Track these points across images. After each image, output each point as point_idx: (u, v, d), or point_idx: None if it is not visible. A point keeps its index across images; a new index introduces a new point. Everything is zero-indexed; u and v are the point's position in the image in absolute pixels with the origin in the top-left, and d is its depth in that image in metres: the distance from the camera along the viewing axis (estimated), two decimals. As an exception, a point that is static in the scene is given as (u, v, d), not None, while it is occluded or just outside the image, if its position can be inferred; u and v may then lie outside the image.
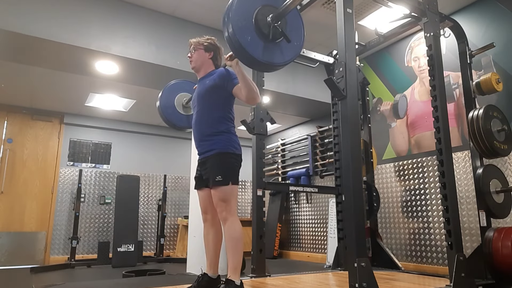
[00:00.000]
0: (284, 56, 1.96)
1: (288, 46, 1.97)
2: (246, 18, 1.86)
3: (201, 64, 2.28)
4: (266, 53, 1.88)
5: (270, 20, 1.90)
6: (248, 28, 1.85)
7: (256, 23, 1.87)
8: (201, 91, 2.22)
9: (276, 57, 1.93)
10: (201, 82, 2.27)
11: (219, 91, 2.16)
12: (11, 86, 4.98)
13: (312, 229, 5.77)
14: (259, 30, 1.87)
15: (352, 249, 1.93)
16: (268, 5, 1.94)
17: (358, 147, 2.08)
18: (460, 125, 3.77)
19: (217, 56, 2.32)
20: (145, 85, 4.58)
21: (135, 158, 6.49)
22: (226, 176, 2.06)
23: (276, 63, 1.94)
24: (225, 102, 2.19)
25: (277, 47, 1.93)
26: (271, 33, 1.89)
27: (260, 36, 1.87)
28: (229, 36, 1.82)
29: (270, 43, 1.90)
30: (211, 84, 2.17)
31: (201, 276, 2.12)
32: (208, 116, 2.16)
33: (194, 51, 2.29)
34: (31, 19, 3.28)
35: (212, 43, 2.31)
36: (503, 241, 2.64)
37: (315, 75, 4.88)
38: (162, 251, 5.97)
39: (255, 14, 1.88)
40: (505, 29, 3.50)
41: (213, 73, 2.24)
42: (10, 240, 5.35)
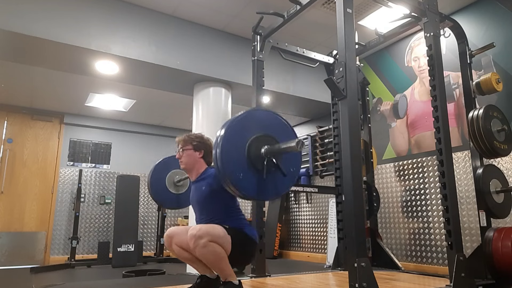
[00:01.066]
0: (278, 190, 1.83)
1: (283, 178, 1.81)
2: (238, 154, 1.71)
3: (193, 165, 2.15)
4: (259, 190, 1.74)
5: (264, 154, 1.74)
6: (240, 163, 1.70)
7: (249, 157, 1.72)
8: (199, 198, 2.09)
9: (269, 192, 1.80)
10: (195, 186, 2.15)
11: (218, 194, 2.01)
12: (11, 86, 4.98)
13: (312, 229, 5.77)
14: (252, 166, 1.72)
15: (352, 249, 1.93)
16: (261, 136, 1.78)
17: (358, 147, 2.08)
18: (460, 125, 3.77)
19: (208, 153, 2.18)
20: (145, 85, 4.58)
21: (135, 158, 6.49)
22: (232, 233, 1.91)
23: (269, 198, 1.86)
24: (228, 201, 2.06)
25: (271, 180, 1.77)
26: (265, 169, 1.74)
27: (253, 172, 1.72)
28: (219, 172, 1.69)
29: (264, 178, 1.74)
30: (208, 190, 2.04)
31: (200, 277, 2.11)
32: (216, 221, 2.01)
33: (183, 151, 2.15)
34: (31, 19, 3.28)
35: (200, 141, 2.18)
36: (503, 241, 2.64)
37: (315, 75, 4.88)
38: (162, 251, 5.97)
39: (247, 148, 1.73)
40: (505, 29, 3.50)
41: (206, 175, 2.11)
42: (10, 240, 5.35)
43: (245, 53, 4.37)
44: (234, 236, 1.93)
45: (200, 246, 1.81)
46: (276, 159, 1.76)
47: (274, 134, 1.82)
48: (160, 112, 6.13)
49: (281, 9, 3.07)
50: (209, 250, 1.83)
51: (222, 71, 4.26)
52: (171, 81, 4.36)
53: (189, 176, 2.23)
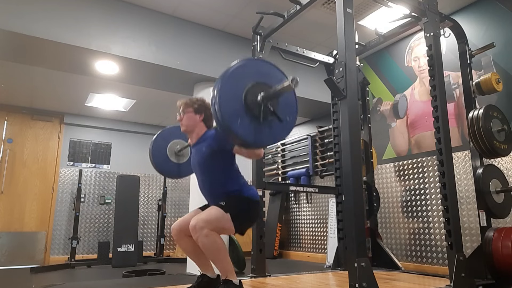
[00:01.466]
0: (275, 136, 1.85)
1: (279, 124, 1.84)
2: (235, 99, 1.73)
3: (193, 127, 2.18)
4: (257, 136, 1.76)
5: (260, 100, 1.77)
6: (237, 110, 1.72)
7: (246, 103, 1.74)
8: (200, 160, 2.11)
9: (267, 138, 1.82)
10: (196, 149, 2.17)
11: (218, 155, 2.05)
12: (11, 86, 4.98)
13: (312, 229, 5.77)
14: (249, 111, 1.74)
15: (352, 249, 1.93)
16: (258, 83, 1.80)
17: (358, 147, 2.08)
18: (460, 125, 3.77)
19: (208, 116, 2.19)
20: (145, 85, 4.58)
21: (135, 158, 6.49)
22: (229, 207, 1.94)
23: (267, 144, 1.87)
24: (227, 163, 2.09)
25: (268, 126, 1.80)
26: (261, 114, 1.76)
27: (251, 118, 1.74)
28: (217, 118, 1.70)
29: (260, 124, 1.77)
30: (208, 151, 2.06)
31: (201, 276, 2.11)
32: (215, 183, 2.07)
33: (184, 114, 2.18)
34: (31, 19, 3.28)
35: (202, 104, 2.20)
36: (503, 241, 2.64)
37: (315, 75, 4.87)
38: (162, 251, 5.97)
39: (244, 94, 1.75)
40: (505, 29, 3.50)
41: (206, 137, 2.13)
42: (10, 240, 5.35)
43: (245, 53, 4.36)
44: (232, 207, 1.95)
45: (203, 236, 1.83)
46: (273, 106, 1.80)
47: (270, 82, 1.84)
48: (160, 112, 6.13)
49: (281, 9, 3.07)
50: (210, 240, 1.84)
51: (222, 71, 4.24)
52: (171, 81, 4.36)
53: (190, 139, 2.26)
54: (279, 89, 1.76)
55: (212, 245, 1.86)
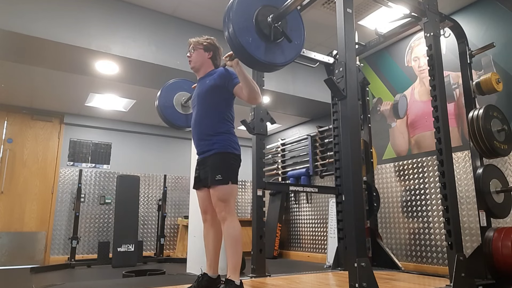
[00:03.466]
0: (286, 56, 1.96)
1: (289, 46, 1.96)
2: (247, 19, 1.85)
3: (201, 64, 2.27)
4: (267, 54, 1.88)
5: (270, 21, 1.89)
6: (249, 29, 1.84)
7: (257, 23, 1.86)
8: (201, 91, 2.21)
9: (278, 57, 1.93)
10: (200, 82, 2.26)
11: (219, 91, 2.16)
12: (11, 86, 4.98)
13: (312, 229, 5.77)
14: (260, 31, 1.86)
15: (352, 249, 1.93)
16: (268, 5, 1.93)
17: (358, 147, 2.08)
18: (460, 125, 3.77)
19: (216, 56, 2.31)
20: (145, 85, 4.58)
21: (135, 158, 6.49)
22: (225, 175, 2.05)
23: (278, 63, 1.94)
24: (225, 102, 2.18)
25: (278, 47, 1.92)
26: (272, 34, 1.88)
27: (261, 37, 1.87)
28: (230, 37, 1.81)
29: (271, 44, 1.90)
30: (211, 84, 2.17)
31: (201, 276, 2.12)
32: (208, 116, 2.16)
33: (194, 50, 2.28)
34: (31, 19, 3.28)
35: (211, 43, 2.31)
36: (503, 241, 2.64)
37: (315, 75, 4.88)
38: (162, 251, 5.97)
39: (255, 15, 1.87)
40: (505, 29, 3.50)
41: (213, 72, 2.23)
42: (10, 240, 5.35)
43: (245, 53, 4.36)
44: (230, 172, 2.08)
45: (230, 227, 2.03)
46: (282, 27, 1.91)
47: (279, 5, 1.95)
48: (160, 112, 6.12)
49: (281, 9, 3.07)
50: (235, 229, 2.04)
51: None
52: (171, 81, 4.36)
53: (197, 76, 2.33)
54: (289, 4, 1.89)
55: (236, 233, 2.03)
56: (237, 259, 2.00)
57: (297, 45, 2.02)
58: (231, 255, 2.00)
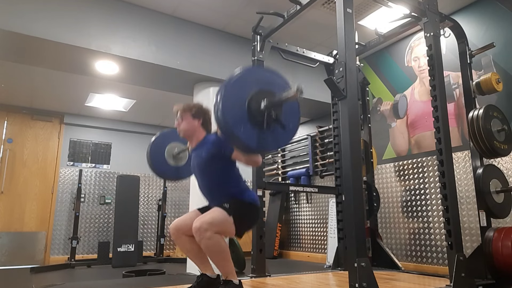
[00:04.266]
0: (278, 142, 1.87)
1: (282, 132, 1.85)
2: (239, 106, 1.73)
3: (192, 132, 2.16)
4: (259, 142, 1.77)
5: (263, 108, 1.76)
6: (241, 117, 1.72)
7: (249, 110, 1.74)
8: (200, 164, 2.10)
9: (270, 144, 1.83)
10: (195, 153, 2.16)
11: (217, 160, 2.04)
12: (11, 86, 4.98)
13: (312, 229, 5.77)
14: (253, 118, 1.74)
15: (352, 249, 1.93)
16: (261, 90, 1.80)
17: (358, 147, 2.08)
18: (460, 125, 3.77)
19: (206, 120, 2.18)
20: (145, 85, 4.58)
21: (135, 158, 6.48)
22: (233, 210, 1.93)
23: (270, 149, 1.89)
24: (227, 166, 2.08)
25: (270, 133, 1.80)
26: (265, 122, 1.76)
27: (254, 125, 1.75)
28: (220, 124, 1.71)
29: (263, 131, 1.78)
30: (208, 156, 2.05)
31: (200, 276, 2.11)
32: (215, 186, 2.07)
33: (182, 119, 2.16)
34: (31, 19, 3.28)
35: (199, 108, 2.18)
36: (503, 241, 2.64)
37: (315, 75, 4.88)
38: (162, 251, 5.97)
39: (248, 101, 1.75)
40: (505, 29, 3.50)
41: (206, 141, 2.12)
42: (10, 240, 5.35)
43: (245, 53, 4.36)
44: (235, 212, 1.94)
45: (206, 238, 1.83)
46: (276, 113, 1.80)
47: (273, 89, 1.84)
48: (160, 112, 6.13)
49: (281, 9, 3.07)
50: (213, 242, 1.85)
51: (222, 71, 4.26)
52: (171, 81, 4.36)
53: (189, 143, 2.25)
54: (284, 97, 1.76)
55: (215, 248, 1.86)
56: (227, 266, 1.93)
57: (291, 129, 1.90)
58: (221, 266, 1.93)
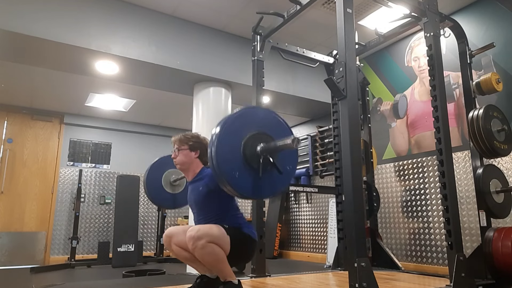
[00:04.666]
0: (276, 187, 1.81)
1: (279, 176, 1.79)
2: (233, 151, 1.68)
3: (189, 165, 2.14)
4: (255, 189, 1.72)
5: (259, 152, 1.71)
6: (235, 163, 1.67)
7: (245, 155, 1.69)
8: (197, 199, 2.09)
9: (266, 190, 1.78)
10: (192, 187, 2.14)
11: (215, 195, 2.00)
12: (11, 86, 4.98)
13: (312, 229, 5.77)
14: (248, 164, 1.69)
15: (352, 249, 1.93)
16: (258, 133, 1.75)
17: (358, 147, 2.08)
18: (460, 125, 3.77)
19: (204, 152, 2.11)
20: (145, 85, 4.58)
21: (135, 158, 6.48)
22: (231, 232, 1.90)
23: (266, 197, 1.85)
24: (225, 201, 2.05)
25: (267, 178, 1.74)
26: (261, 167, 1.70)
27: (249, 170, 1.69)
28: (214, 170, 1.67)
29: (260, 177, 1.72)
30: (205, 191, 2.03)
31: (200, 276, 2.11)
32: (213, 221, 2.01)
33: (178, 151, 2.14)
34: (31, 19, 3.28)
35: (197, 140, 2.16)
36: (503, 241, 2.64)
37: (315, 75, 4.88)
38: (162, 251, 5.96)
39: (243, 145, 1.70)
40: (505, 29, 3.50)
41: (203, 175, 2.10)
42: (10, 240, 5.35)
43: (245, 53, 4.37)
44: (233, 235, 1.92)
45: (199, 248, 1.80)
46: (272, 157, 1.73)
47: (270, 132, 1.79)
48: (160, 112, 6.13)
49: (281, 9, 3.07)
50: (208, 251, 1.81)
51: (222, 71, 4.26)
52: (171, 81, 4.36)
53: (186, 176, 2.22)
54: (280, 145, 1.71)
55: (211, 257, 1.84)
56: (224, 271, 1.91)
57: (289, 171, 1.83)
58: (218, 271, 1.92)
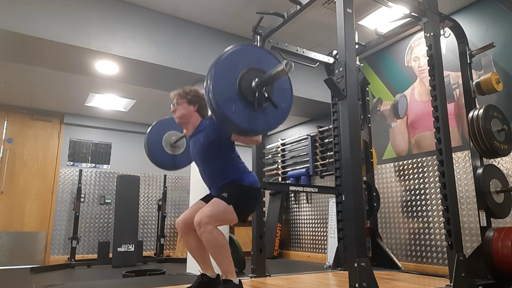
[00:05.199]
0: (270, 123, 1.83)
1: (274, 111, 1.82)
2: (230, 86, 1.71)
3: (188, 118, 2.16)
4: (251, 122, 1.75)
5: (254, 86, 1.75)
6: (231, 96, 1.70)
7: (240, 90, 1.72)
8: (199, 150, 2.11)
9: (262, 124, 1.80)
10: (193, 140, 2.16)
11: (216, 144, 2.06)
12: (11, 86, 4.98)
13: (312, 229, 5.77)
14: (244, 98, 1.72)
15: (352, 249, 1.93)
16: (252, 69, 1.78)
17: (358, 147, 2.08)
18: (460, 125, 3.77)
19: (202, 106, 2.18)
20: (145, 85, 4.58)
21: (135, 158, 6.48)
22: (232, 197, 1.94)
23: (262, 130, 1.86)
24: (226, 150, 2.09)
25: (263, 113, 1.78)
26: (256, 101, 1.74)
27: (245, 104, 1.73)
28: (211, 105, 1.69)
29: (255, 110, 1.76)
30: (206, 141, 2.07)
31: (200, 276, 2.11)
32: (216, 171, 2.07)
33: (177, 105, 2.16)
34: (31, 19, 3.28)
35: (195, 94, 2.18)
36: (503, 241, 2.64)
37: (315, 75, 4.88)
38: (162, 251, 5.97)
39: (238, 80, 1.73)
40: (505, 29, 3.50)
41: (203, 127, 2.12)
42: (10, 240, 5.35)
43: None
44: (234, 197, 1.95)
45: (207, 232, 1.84)
46: (268, 92, 1.78)
47: (265, 69, 1.81)
48: (160, 112, 6.10)
49: (281, 9, 3.07)
50: (213, 236, 1.85)
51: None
52: (171, 81, 4.36)
53: (186, 130, 2.25)
54: (273, 74, 1.74)
55: (215, 242, 1.87)
56: (226, 264, 1.93)
57: (284, 109, 1.87)
58: (220, 263, 1.93)
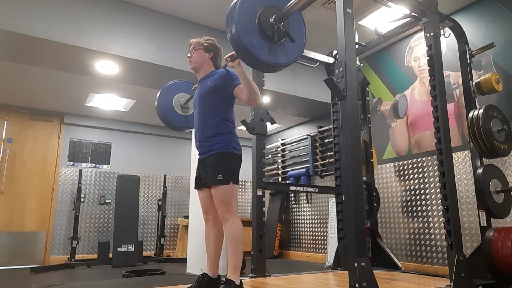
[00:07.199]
0: (289, 56, 1.98)
1: (291, 46, 1.98)
2: (250, 20, 1.87)
3: (201, 64, 2.28)
4: (270, 54, 1.90)
5: (273, 21, 1.91)
6: (252, 30, 1.86)
7: (260, 24, 1.88)
8: (202, 92, 2.22)
9: (281, 57, 1.95)
10: (201, 83, 2.27)
11: (220, 92, 2.17)
12: (11, 86, 4.98)
13: (312, 229, 5.77)
14: (263, 32, 1.88)
15: (352, 249, 1.93)
16: (270, 6, 1.94)
17: (358, 147, 2.08)
18: (460, 125, 3.77)
19: (216, 56, 2.33)
20: (145, 85, 4.58)
21: (135, 158, 6.49)
22: (226, 175, 2.06)
23: (281, 64, 1.96)
24: (226, 103, 2.20)
25: (281, 47, 1.94)
26: (275, 35, 1.91)
27: (264, 38, 1.88)
28: (233, 38, 1.82)
29: (274, 44, 1.92)
30: (212, 85, 2.18)
31: (201, 276, 2.12)
32: (209, 117, 2.17)
33: (194, 51, 2.29)
34: (31, 19, 3.28)
35: (212, 43, 2.32)
36: (503, 241, 2.64)
37: (315, 75, 4.88)
38: (162, 251, 5.97)
39: (258, 16, 1.89)
40: (505, 29, 3.50)
41: (214, 73, 2.24)
42: (10, 240, 5.35)
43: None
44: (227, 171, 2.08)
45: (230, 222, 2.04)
46: (285, 27, 1.94)
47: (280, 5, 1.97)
48: (160, 112, 6.13)
49: (281, 9, 3.07)
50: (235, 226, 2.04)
51: (222, 71, 4.25)
52: (171, 81, 4.36)
53: (197, 75, 2.35)
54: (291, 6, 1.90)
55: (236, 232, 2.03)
56: (237, 259, 2.00)
57: (299, 45, 2.03)
58: (232, 256, 2.01)
